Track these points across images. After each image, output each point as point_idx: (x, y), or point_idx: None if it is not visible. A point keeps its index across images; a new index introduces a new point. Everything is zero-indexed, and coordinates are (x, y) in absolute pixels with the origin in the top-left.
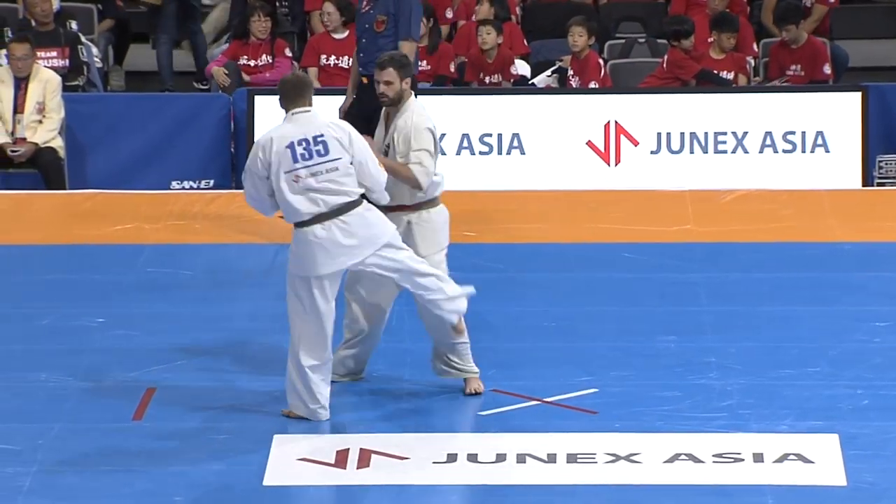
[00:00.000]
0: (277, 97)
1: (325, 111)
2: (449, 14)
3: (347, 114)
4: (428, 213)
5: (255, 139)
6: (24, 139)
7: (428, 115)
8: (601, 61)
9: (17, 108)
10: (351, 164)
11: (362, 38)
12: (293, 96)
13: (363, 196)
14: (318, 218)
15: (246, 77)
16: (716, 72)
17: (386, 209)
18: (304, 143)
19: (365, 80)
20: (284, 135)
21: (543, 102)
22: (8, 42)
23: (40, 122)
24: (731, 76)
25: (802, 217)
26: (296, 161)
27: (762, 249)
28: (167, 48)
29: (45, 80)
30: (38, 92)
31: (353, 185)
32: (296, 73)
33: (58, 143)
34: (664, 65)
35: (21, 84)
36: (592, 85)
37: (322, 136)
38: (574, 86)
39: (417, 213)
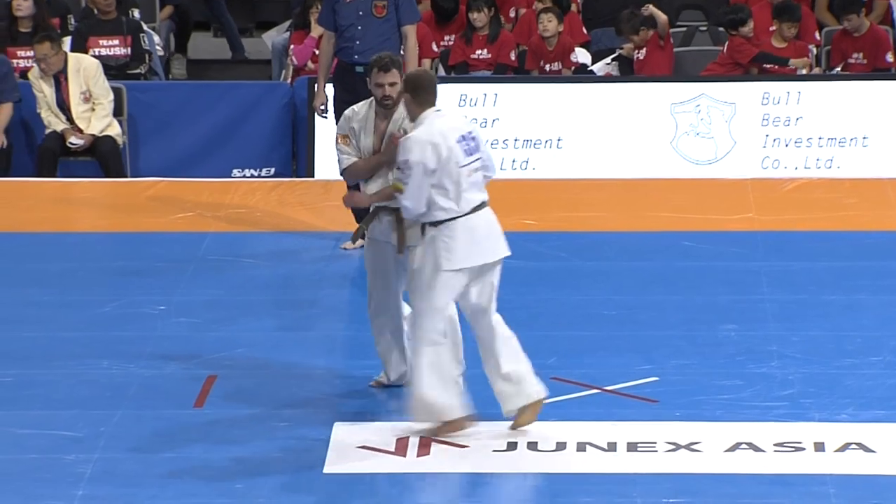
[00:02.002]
0: (411, 89)
1: None
2: (512, 13)
3: (342, 102)
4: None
5: (411, 137)
6: (81, 132)
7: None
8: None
9: (64, 101)
10: None
11: (357, 25)
12: (433, 93)
13: None
14: (475, 209)
15: (311, 66)
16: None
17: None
18: (464, 139)
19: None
20: (449, 129)
21: (603, 90)
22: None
23: (92, 110)
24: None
25: (865, 206)
26: (466, 156)
27: (825, 238)
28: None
29: (83, 68)
30: (78, 82)
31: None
32: (427, 70)
33: (115, 131)
34: (724, 51)
35: (60, 78)
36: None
37: (472, 132)
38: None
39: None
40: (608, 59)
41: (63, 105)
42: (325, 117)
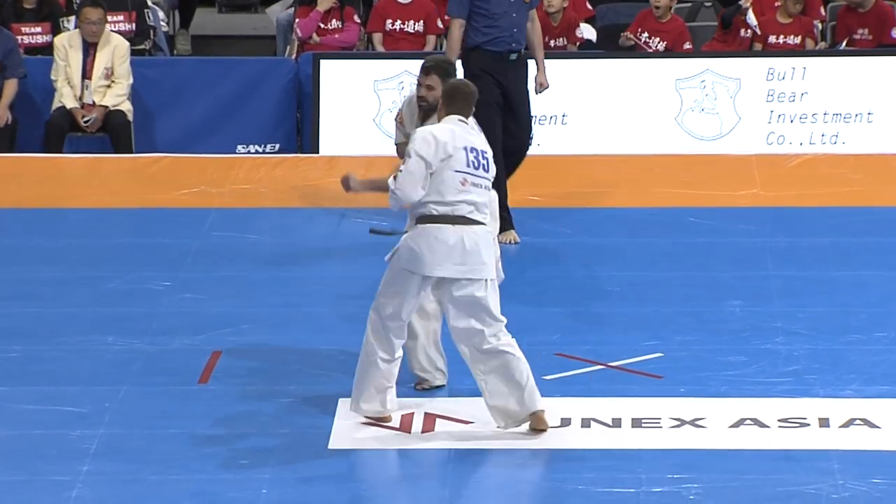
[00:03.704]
0: (446, 95)
1: (390, 75)
2: None
3: (488, 92)
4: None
5: (420, 131)
6: (93, 104)
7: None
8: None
9: (86, 73)
10: None
11: (511, 12)
12: (468, 104)
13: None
14: (456, 220)
15: (316, 39)
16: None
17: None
18: (475, 153)
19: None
20: (461, 136)
21: (608, 66)
22: (80, 6)
23: (108, 86)
24: (798, 40)
25: (870, 181)
26: (468, 165)
27: (830, 214)
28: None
29: (115, 45)
30: (106, 57)
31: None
32: (470, 84)
33: (126, 107)
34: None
35: (90, 49)
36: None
37: (486, 153)
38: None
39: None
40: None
41: (86, 75)
42: None
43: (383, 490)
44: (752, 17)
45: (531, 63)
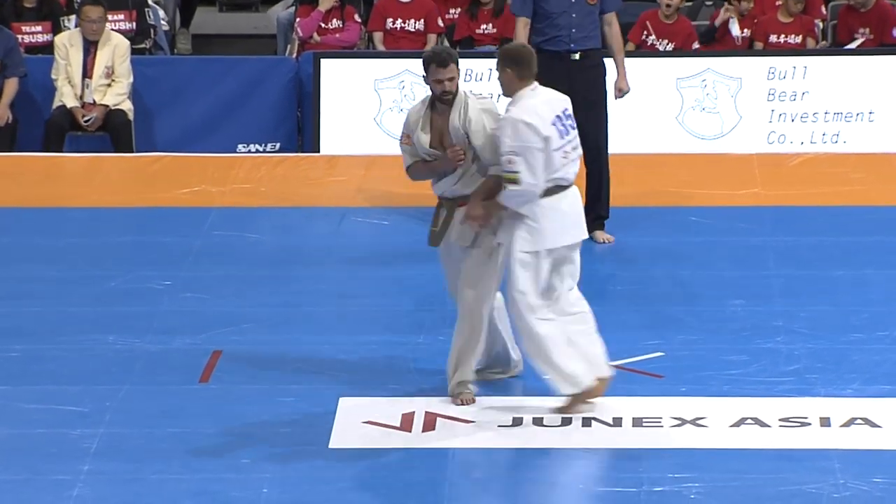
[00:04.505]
0: (511, 63)
1: (391, 74)
2: None
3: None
4: None
5: (505, 117)
6: (93, 103)
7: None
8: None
9: (87, 72)
10: None
11: (570, 12)
12: (532, 67)
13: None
14: (561, 188)
15: (317, 38)
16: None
17: None
18: (559, 119)
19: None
20: (544, 109)
21: (607, 65)
22: (80, 5)
23: (109, 85)
24: (799, 40)
25: (872, 180)
26: (561, 138)
27: (831, 213)
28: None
29: (115, 44)
30: (107, 56)
31: None
32: (526, 45)
33: (127, 106)
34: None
35: (91, 48)
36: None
37: (566, 109)
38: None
39: None
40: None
41: (86, 74)
42: None
43: (383, 489)
44: (735, 28)
45: (611, 65)
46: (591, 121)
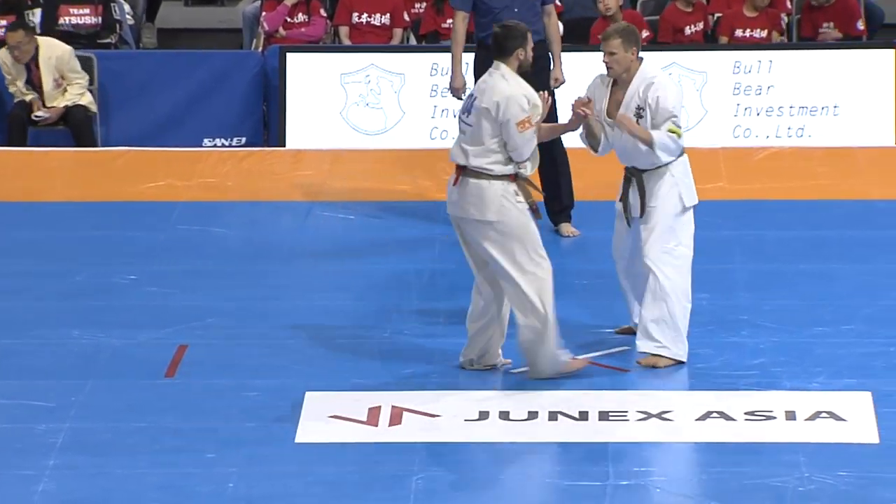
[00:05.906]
0: (635, 43)
1: (357, 68)
2: None
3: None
4: None
5: (665, 80)
6: (52, 108)
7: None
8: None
9: (35, 87)
10: None
11: (513, 7)
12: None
13: None
14: None
15: (282, 32)
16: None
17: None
18: None
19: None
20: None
21: (569, 59)
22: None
23: (64, 91)
24: (764, 34)
25: (836, 174)
26: None
27: (796, 207)
28: None
29: (56, 56)
30: (50, 69)
31: None
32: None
33: (87, 100)
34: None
35: (31, 65)
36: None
37: None
38: None
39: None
40: None
41: (34, 86)
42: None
43: (350, 484)
44: None
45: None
46: None
